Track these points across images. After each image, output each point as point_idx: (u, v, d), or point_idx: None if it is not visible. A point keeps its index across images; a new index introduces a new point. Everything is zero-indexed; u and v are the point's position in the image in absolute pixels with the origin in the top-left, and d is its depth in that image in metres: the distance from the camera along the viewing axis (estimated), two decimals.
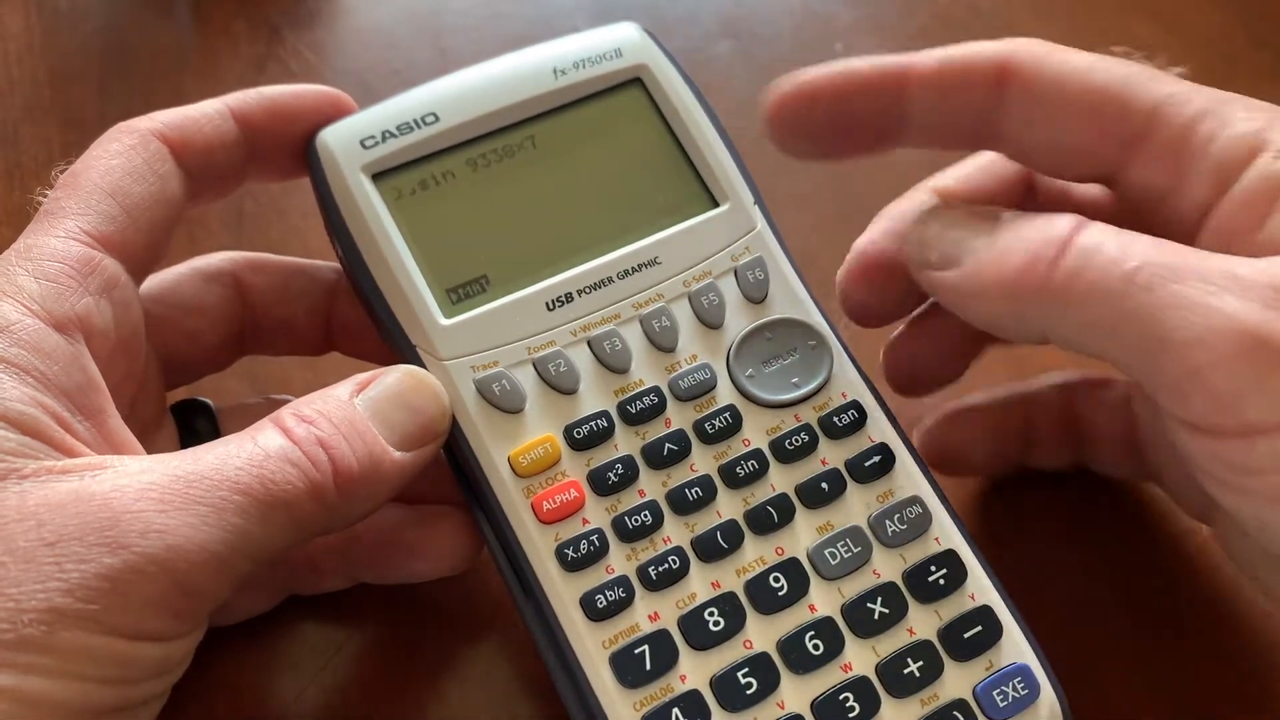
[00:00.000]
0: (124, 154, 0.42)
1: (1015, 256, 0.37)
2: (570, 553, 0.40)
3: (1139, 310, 0.35)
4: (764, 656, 0.40)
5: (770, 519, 0.42)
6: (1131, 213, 0.40)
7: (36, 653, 0.32)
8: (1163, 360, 0.35)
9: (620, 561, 0.41)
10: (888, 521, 0.42)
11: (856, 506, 0.42)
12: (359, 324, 0.46)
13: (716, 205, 0.45)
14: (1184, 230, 0.39)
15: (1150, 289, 0.34)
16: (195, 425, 0.47)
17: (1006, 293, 0.38)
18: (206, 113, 0.44)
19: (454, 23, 0.73)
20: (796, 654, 0.40)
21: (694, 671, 0.40)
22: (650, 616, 0.40)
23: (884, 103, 0.42)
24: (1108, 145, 0.40)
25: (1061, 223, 0.37)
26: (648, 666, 0.39)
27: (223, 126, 0.44)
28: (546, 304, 0.43)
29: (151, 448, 0.41)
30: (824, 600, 0.41)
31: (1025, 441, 0.50)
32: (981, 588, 0.42)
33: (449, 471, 0.43)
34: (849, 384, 0.44)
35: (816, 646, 0.40)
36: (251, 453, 0.37)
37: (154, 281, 0.46)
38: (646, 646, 0.39)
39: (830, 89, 0.43)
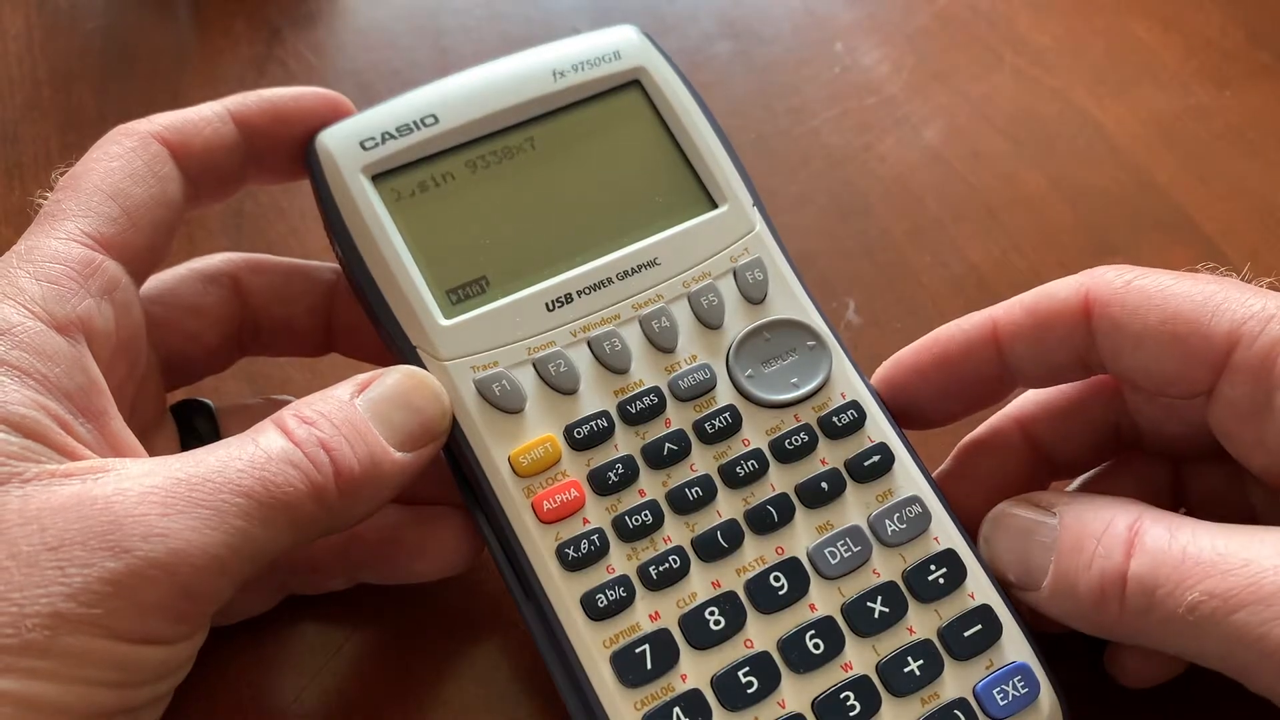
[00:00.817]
0: (124, 156, 0.42)
1: (1086, 595, 0.38)
2: (571, 552, 0.40)
3: (1209, 646, 0.36)
4: (764, 656, 0.40)
5: (770, 518, 0.42)
6: (1231, 426, 0.41)
7: (39, 657, 0.32)
8: (1253, 682, 0.36)
9: (621, 561, 0.41)
10: (887, 521, 0.42)
11: (856, 506, 0.42)
12: (358, 325, 0.46)
13: (715, 206, 0.46)
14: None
15: (1215, 623, 0.35)
16: (195, 426, 0.47)
17: (1091, 623, 0.39)
18: (206, 115, 0.44)
19: (454, 23, 0.73)
20: (797, 653, 0.40)
21: (695, 671, 0.40)
22: (651, 616, 0.40)
23: (985, 364, 0.44)
24: (1194, 370, 0.40)
25: (1116, 551, 0.38)
26: (648, 666, 0.39)
27: (222, 129, 0.44)
28: (546, 304, 0.43)
29: (152, 448, 0.41)
30: (824, 599, 0.41)
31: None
32: (981, 587, 0.42)
33: (449, 472, 0.43)
34: (848, 384, 0.44)
35: (817, 646, 0.40)
36: (253, 455, 0.37)
37: (154, 283, 0.46)
38: (647, 646, 0.40)
39: (929, 367, 0.45)
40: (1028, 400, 0.47)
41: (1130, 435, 0.46)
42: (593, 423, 0.42)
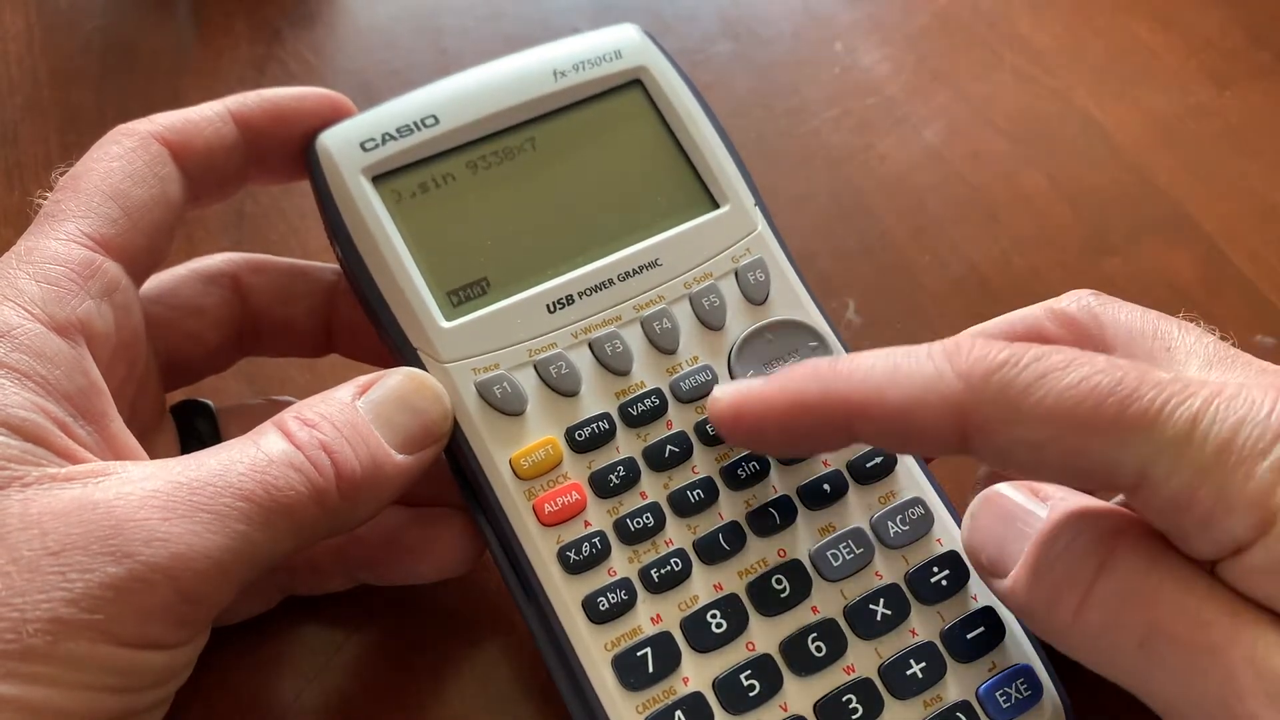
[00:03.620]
0: (124, 156, 0.41)
1: (1045, 592, 0.36)
2: (572, 555, 0.40)
3: (1157, 687, 0.34)
4: (767, 658, 0.40)
5: (772, 520, 0.42)
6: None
7: (41, 662, 0.32)
8: None
9: (622, 564, 0.41)
10: (889, 523, 0.42)
11: (858, 508, 0.42)
12: (359, 325, 0.46)
13: (717, 207, 0.45)
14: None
15: (1164, 669, 0.34)
16: (196, 427, 0.47)
17: (1042, 624, 0.37)
18: (206, 115, 0.44)
19: (454, 23, 0.73)
20: (799, 656, 0.40)
21: (696, 674, 0.40)
22: (652, 619, 0.40)
23: (831, 433, 0.38)
24: (1101, 492, 0.38)
25: (1089, 560, 0.36)
26: (650, 669, 0.39)
27: (223, 129, 0.44)
28: (547, 306, 0.43)
29: (152, 449, 0.41)
30: (826, 602, 0.41)
31: None
32: (984, 589, 0.42)
33: (450, 473, 0.43)
34: None
35: (819, 648, 0.40)
36: (254, 458, 0.37)
37: (154, 283, 0.46)
38: (649, 649, 0.40)
39: (775, 418, 0.39)
40: None
41: None
42: (594, 425, 0.42)
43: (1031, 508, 0.38)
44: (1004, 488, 0.40)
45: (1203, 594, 0.34)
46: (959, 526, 0.43)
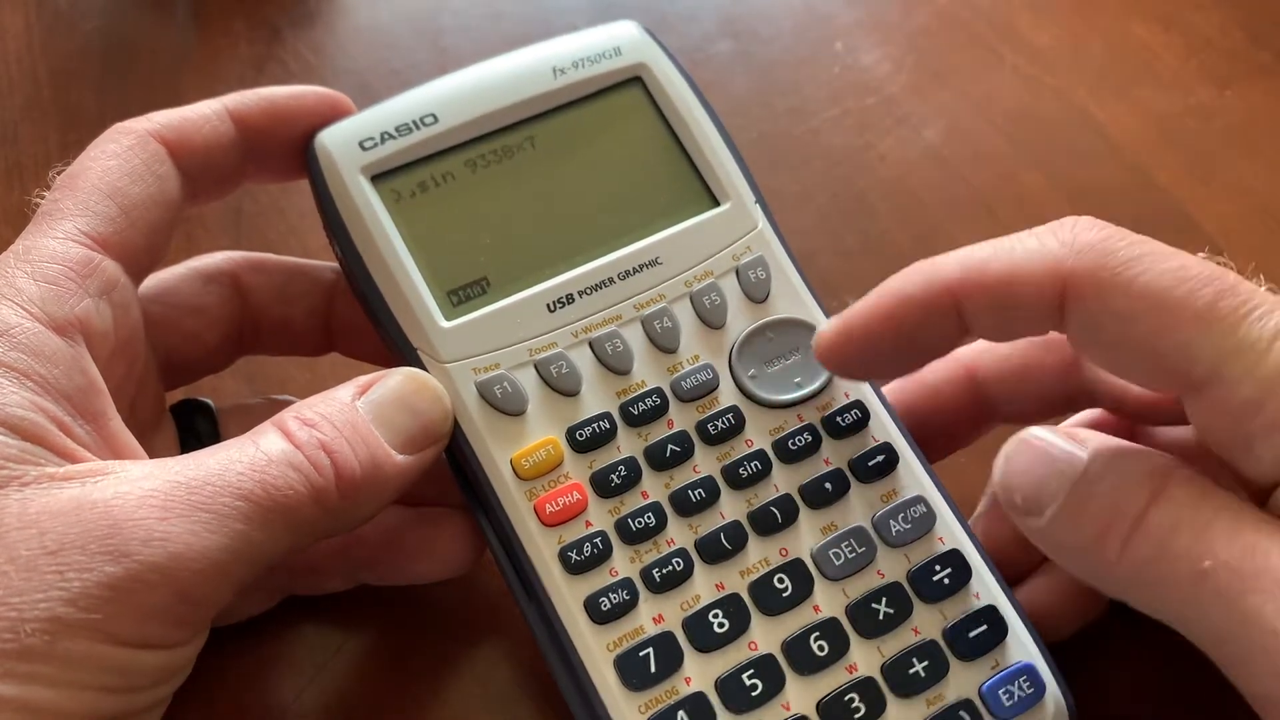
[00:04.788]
0: (122, 155, 0.41)
1: (1090, 525, 0.36)
2: (573, 555, 0.40)
3: (1212, 618, 0.34)
4: (769, 658, 0.40)
5: (774, 520, 0.42)
6: (1210, 435, 0.37)
7: (39, 662, 0.32)
8: (1237, 673, 0.34)
9: (624, 564, 0.40)
10: (891, 521, 0.42)
11: (860, 506, 0.42)
12: (358, 325, 0.46)
13: (717, 204, 0.45)
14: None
15: (1222, 597, 0.33)
16: (195, 426, 0.47)
17: (1082, 561, 0.37)
18: (204, 113, 0.43)
19: (454, 23, 0.73)
20: (801, 655, 0.40)
21: (699, 674, 0.40)
22: (654, 619, 0.40)
23: (940, 331, 0.40)
24: (1173, 387, 0.37)
25: (1139, 492, 0.35)
26: (652, 669, 0.39)
27: (220, 127, 0.43)
28: (547, 305, 0.43)
29: (151, 449, 0.41)
30: (828, 601, 0.41)
31: None
32: (986, 587, 0.42)
33: (451, 473, 0.43)
34: (852, 383, 0.44)
35: (821, 647, 0.40)
36: (254, 457, 0.37)
37: (153, 282, 0.46)
38: (651, 649, 0.39)
39: (881, 332, 0.40)
40: (980, 351, 0.46)
41: (1085, 398, 0.45)
42: (595, 424, 0.42)
43: (1071, 448, 0.38)
44: (1040, 430, 0.39)
45: (1256, 524, 0.34)
46: (961, 525, 0.43)
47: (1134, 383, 0.39)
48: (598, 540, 0.40)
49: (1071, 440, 0.38)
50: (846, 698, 0.40)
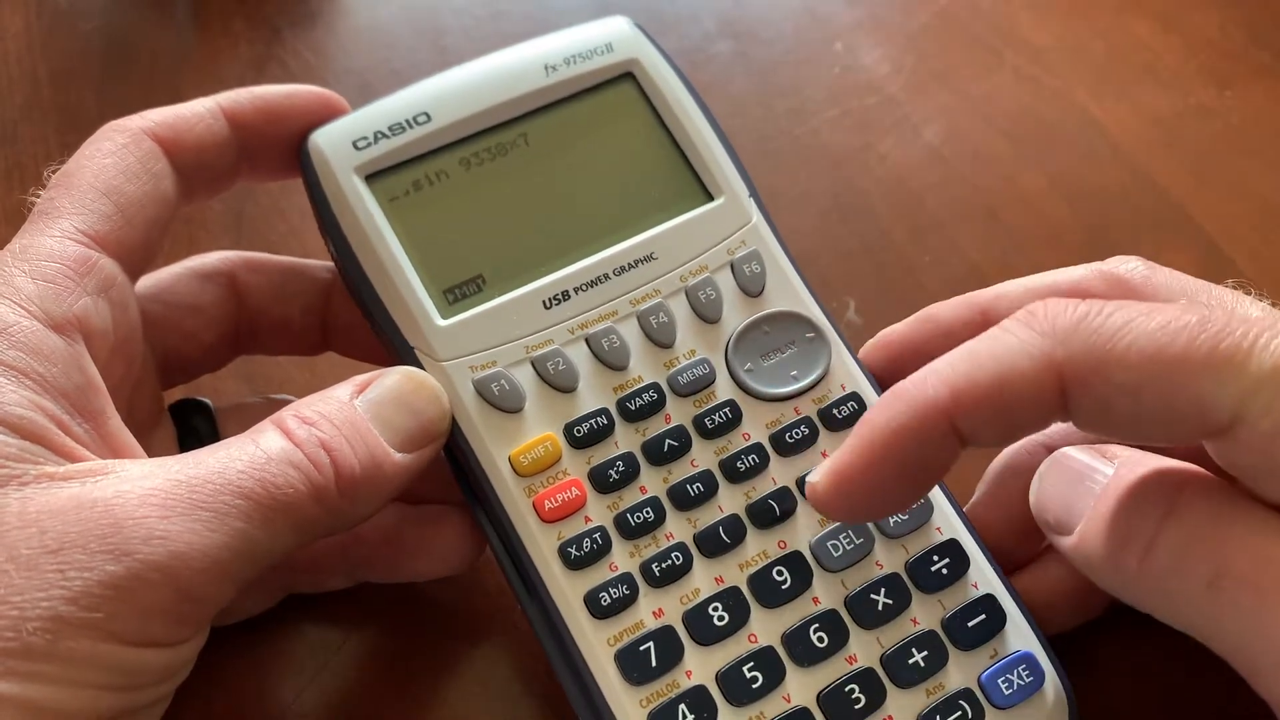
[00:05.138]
0: (117, 153, 0.42)
1: (1110, 540, 0.36)
2: (573, 551, 0.40)
3: (1229, 629, 0.34)
4: (769, 650, 0.40)
5: (772, 513, 0.42)
6: (1238, 471, 0.36)
7: (40, 661, 0.32)
8: (1258, 679, 0.34)
9: (623, 559, 0.41)
10: None
11: None
12: (355, 323, 0.46)
13: (711, 199, 0.45)
14: None
15: (1239, 608, 0.34)
16: (194, 425, 0.47)
17: (1105, 575, 0.37)
18: (198, 111, 0.44)
19: (453, 22, 0.73)
20: (801, 647, 0.40)
21: (699, 667, 0.40)
22: (654, 613, 0.40)
23: (939, 447, 0.36)
24: (1194, 438, 0.35)
25: (1155, 505, 0.36)
26: (653, 663, 0.39)
27: (214, 125, 0.44)
28: (543, 302, 0.43)
29: (149, 447, 0.41)
30: (827, 593, 0.41)
31: None
32: (984, 576, 0.42)
33: (450, 471, 0.43)
34: (848, 375, 0.44)
35: (821, 639, 0.40)
36: (253, 456, 0.37)
37: (150, 281, 0.46)
38: (651, 643, 0.39)
39: (880, 466, 0.37)
40: (995, 296, 0.44)
41: None
42: (592, 420, 0.42)
43: (1098, 465, 0.38)
44: (1071, 450, 0.39)
45: (1272, 534, 0.34)
46: (958, 515, 0.43)
47: (1154, 443, 0.38)
48: (597, 535, 0.40)
49: (1099, 457, 0.39)
50: (847, 688, 0.40)
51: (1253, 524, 0.35)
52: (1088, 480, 0.38)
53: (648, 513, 0.41)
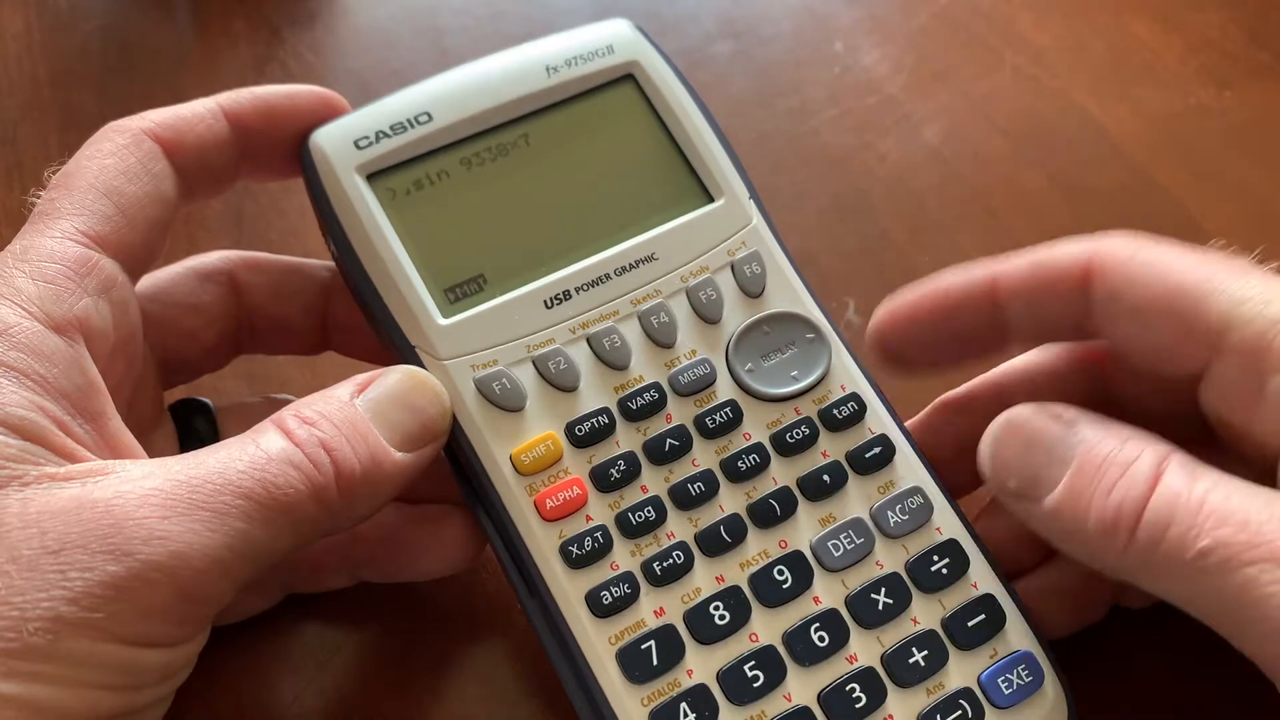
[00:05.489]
0: (117, 153, 0.41)
1: (1093, 515, 0.37)
2: (574, 550, 0.40)
3: (1214, 593, 0.35)
4: (770, 649, 0.40)
5: (773, 512, 0.42)
6: (1222, 409, 0.40)
7: (41, 661, 0.32)
8: (1244, 642, 0.35)
9: (624, 558, 0.41)
10: (889, 512, 0.42)
11: (858, 498, 0.42)
12: (355, 323, 0.46)
13: (712, 200, 0.45)
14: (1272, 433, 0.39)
15: (1224, 572, 0.34)
16: (194, 425, 0.47)
17: (1086, 548, 0.38)
18: (198, 112, 0.44)
19: (453, 23, 0.73)
20: (802, 646, 0.40)
21: (700, 666, 0.40)
22: (655, 612, 0.40)
23: (981, 315, 0.43)
24: (1189, 346, 0.40)
25: (1139, 476, 0.37)
26: (654, 662, 0.39)
27: (215, 125, 0.44)
28: (544, 302, 0.43)
29: (150, 447, 0.41)
30: (828, 592, 0.41)
31: None
32: (984, 576, 0.42)
33: (451, 470, 0.43)
34: (848, 376, 0.44)
35: (822, 638, 0.40)
36: (253, 456, 0.37)
37: (151, 280, 0.46)
38: (653, 642, 0.39)
39: (927, 311, 0.44)
40: (1008, 367, 0.47)
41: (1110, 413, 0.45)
42: (594, 420, 0.42)
43: (1063, 432, 0.39)
44: (1025, 409, 0.40)
45: (1249, 496, 0.35)
46: (958, 515, 0.43)
47: (1152, 361, 0.41)
48: (598, 535, 0.40)
49: (1060, 420, 0.39)
50: (847, 688, 0.40)
51: (1232, 488, 0.36)
52: (1053, 447, 0.39)
53: (649, 512, 0.41)
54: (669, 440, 0.42)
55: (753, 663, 0.40)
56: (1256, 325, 0.37)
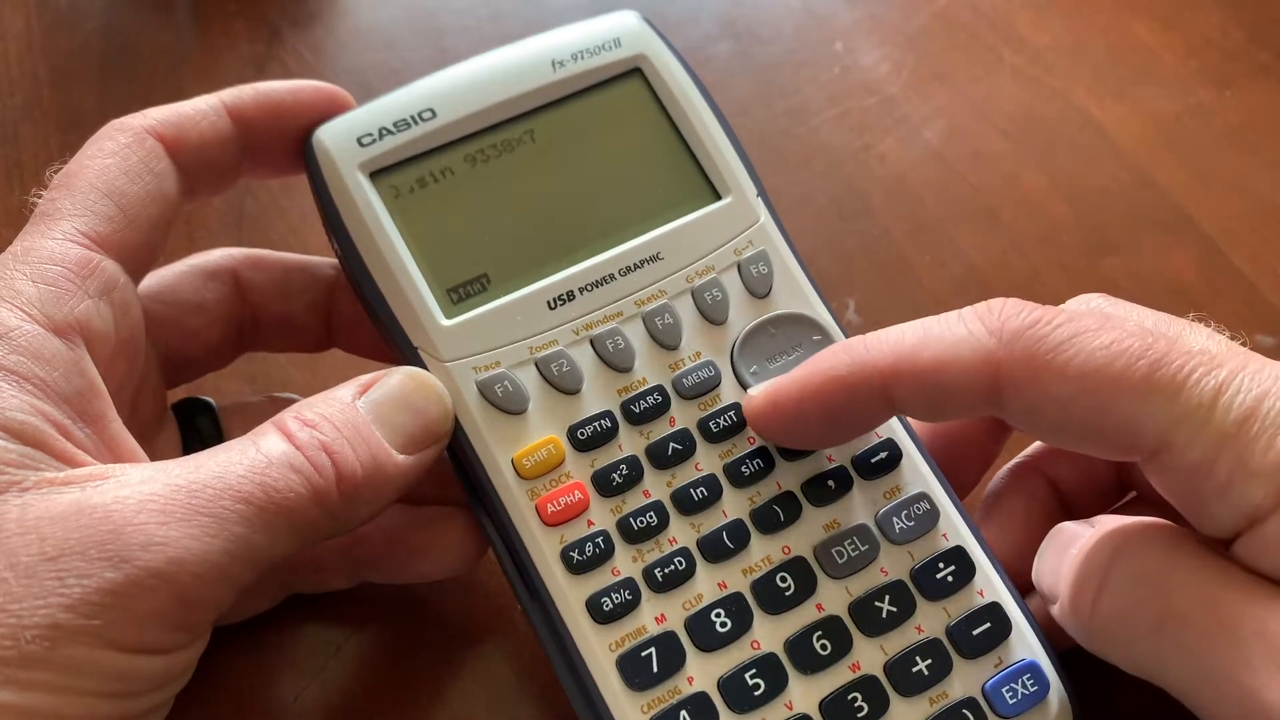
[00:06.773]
0: (118, 153, 0.41)
1: (1069, 592, 0.38)
2: (575, 555, 0.40)
3: (1174, 671, 0.35)
4: (771, 657, 0.40)
5: (776, 518, 0.41)
6: (1167, 497, 0.38)
7: (39, 669, 0.32)
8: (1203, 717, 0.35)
9: (626, 563, 0.40)
10: (894, 518, 0.42)
11: (863, 503, 0.42)
12: (358, 321, 0.46)
13: (719, 198, 0.45)
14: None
15: (1184, 651, 0.35)
16: (197, 425, 0.47)
17: (1072, 627, 0.38)
18: (200, 109, 0.43)
19: (453, 22, 0.73)
20: (804, 654, 0.40)
21: (701, 673, 0.39)
22: (657, 618, 0.40)
23: (867, 404, 0.40)
24: (1121, 456, 0.38)
25: (1103, 552, 0.37)
26: (655, 669, 0.39)
27: (218, 123, 0.43)
28: (548, 302, 0.42)
29: (153, 448, 0.41)
30: (831, 599, 0.41)
31: None
32: (990, 584, 0.42)
33: (453, 472, 0.43)
34: None
35: (824, 646, 0.40)
36: (254, 459, 0.36)
37: (153, 279, 0.46)
38: (653, 648, 0.39)
39: (812, 410, 0.40)
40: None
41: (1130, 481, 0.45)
42: (596, 423, 0.42)
43: (1081, 530, 0.39)
44: (1068, 523, 0.41)
45: (1214, 575, 0.35)
46: (965, 520, 0.43)
47: (1082, 453, 0.39)
48: (599, 540, 0.40)
49: (1085, 523, 0.40)
50: (849, 696, 0.39)
51: (1196, 565, 0.36)
52: (1070, 546, 0.39)
53: (651, 517, 0.41)
54: (672, 444, 0.42)
55: (754, 670, 0.39)
56: (1193, 454, 0.35)
